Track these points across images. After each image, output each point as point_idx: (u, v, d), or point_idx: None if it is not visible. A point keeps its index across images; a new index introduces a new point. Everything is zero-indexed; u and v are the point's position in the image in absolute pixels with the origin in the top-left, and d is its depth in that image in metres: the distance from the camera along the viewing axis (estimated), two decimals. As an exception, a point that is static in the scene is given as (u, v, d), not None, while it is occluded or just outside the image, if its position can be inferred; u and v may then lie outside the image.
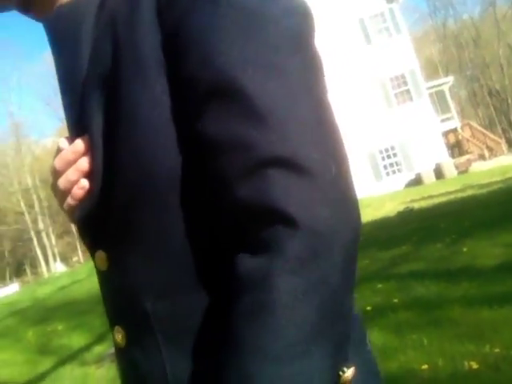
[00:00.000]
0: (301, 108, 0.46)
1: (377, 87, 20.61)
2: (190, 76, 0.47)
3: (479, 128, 27.00)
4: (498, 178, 12.85)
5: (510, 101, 41.02)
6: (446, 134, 24.12)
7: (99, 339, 5.87)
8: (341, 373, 0.47)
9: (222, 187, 0.47)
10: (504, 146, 26.55)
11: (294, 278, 0.43)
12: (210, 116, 0.46)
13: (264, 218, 0.44)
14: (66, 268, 27.65)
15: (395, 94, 21.27)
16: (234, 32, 0.46)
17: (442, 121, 24.05)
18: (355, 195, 0.48)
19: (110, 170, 0.52)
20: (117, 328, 0.59)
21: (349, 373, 0.48)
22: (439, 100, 25.20)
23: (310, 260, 0.43)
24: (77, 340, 6.11)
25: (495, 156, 22.94)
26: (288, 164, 0.44)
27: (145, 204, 0.51)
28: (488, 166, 19.89)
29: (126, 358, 0.60)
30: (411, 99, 21.22)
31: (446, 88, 26.46)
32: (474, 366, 2.47)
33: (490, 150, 24.12)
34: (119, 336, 0.58)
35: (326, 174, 0.45)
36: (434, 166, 20.02)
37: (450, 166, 20.52)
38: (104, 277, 0.60)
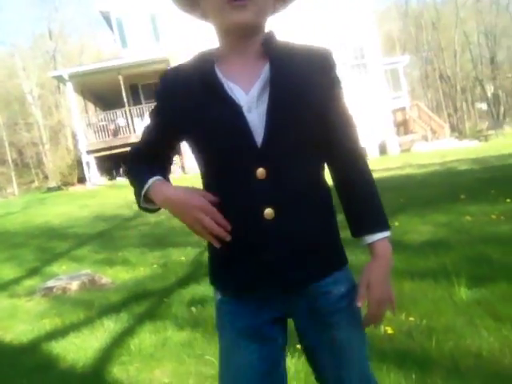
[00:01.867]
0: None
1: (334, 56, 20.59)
2: None
3: (426, 110, 27.89)
4: (437, 161, 13.46)
5: (458, 87, 42.46)
6: (394, 111, 24.75)
7: (31, 273, 5.78)
8: None
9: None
10: (447, 131, 27.65)
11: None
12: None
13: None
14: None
15: (352, 66, 21.46)
16: None
17: (393, 98, 24.62)
18: None
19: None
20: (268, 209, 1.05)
21: None
22: (393, 77, 25.70)
23: None
24: (7, 272, 5.97)
25: (437, 139, 23.88)
26: None
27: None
28: (429, 147, 20.71)
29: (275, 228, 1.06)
30: (366, 73, 21.49)
31: (400, 66, 26.98)
32: (390, 331, 2.67)
33: (434, 132, 25.04)
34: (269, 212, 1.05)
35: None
36: (379, 142, 20.59)
37: (394, 143, 21.17)
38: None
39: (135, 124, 19.62)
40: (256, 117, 1.05)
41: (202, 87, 1.07)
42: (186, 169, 19.33)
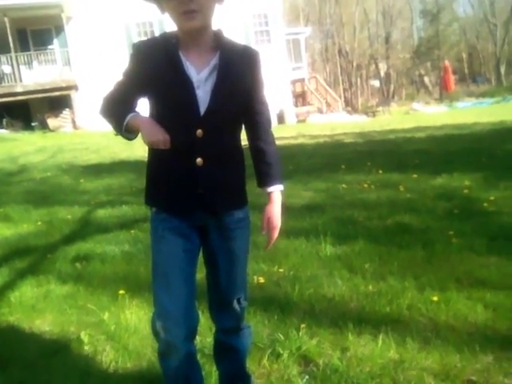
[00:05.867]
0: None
1: (239, 25, 20.56)
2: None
3: (323, 83, 29.11)
4: (328, 133, 14.28)
5: (354, 64, 44.65)
6: (293, 82, 25.52)
7: None
8: None
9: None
10: (341, 104, 29.19)
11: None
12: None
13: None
14: None
15: (255, 32, 21.63)
16: None
17: (293, 69, 25.33)
18: None
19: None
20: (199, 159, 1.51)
21: None
22: (294, 48, 26.33)
23: None
24: None
25: (331, 112, 25.17)
26: None
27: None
28: (323, 119, 21.80)
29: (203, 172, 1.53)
30: (269, 41, 21.82)
31: (302, 38, 27.68)
32: (261, 280, 2.99)
33: (328, 105, 26.31)
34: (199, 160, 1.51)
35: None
36: (277, 111, 21.20)
37: (291, 113, 21.97)
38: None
39: (22, 72, 18.16)
40: (202, 93, 1.47)
41: (166, 60, 1.46)
42: (77, 125, 18.43)
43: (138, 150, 11.37)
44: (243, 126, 1.63)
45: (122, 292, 2.97)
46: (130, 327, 2.53)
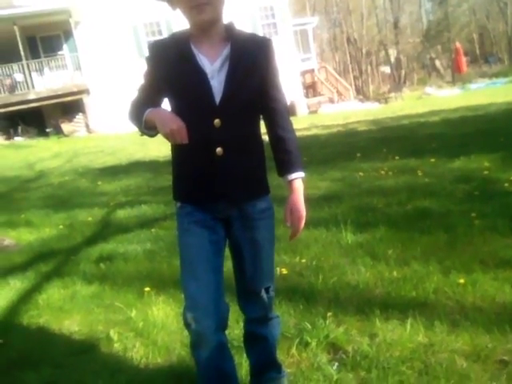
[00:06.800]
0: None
1: (246, 19, 20.50)
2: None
3: (333, 72, 28.89)
4: (340, 122, 14.20)
5: (364, 51, 44.20)
6: (303, 73, 25.37)
7: None
8: None
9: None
10: (352, 93, 28.95)
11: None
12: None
13: None
14: None
15: (262, 25, 21.54)
16: None
17: (302, 60, 25.17)
18: None
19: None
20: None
21: None
22: (302, 39, 26.16)
23: None
24: None
25: (343, 101, 24.98)
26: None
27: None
28: (335, 109, 21.64)
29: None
30: (277, 33, 21.70)
31: (310, 28, 27.47)
32: (284, 271, 3.00)
33: (340, 94, 26.11)
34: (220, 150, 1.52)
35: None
36: (288, 103, 20.99)
37: (303, 104, 21.83)
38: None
39: (34, 79, 18.37)
40: (217, 83, 1.49)
41: (179, 55, 1.50)
42: (90, 128, 18.60)
43: (152, 150, 11.46)
44: (261, 116, 1.63)
45: (147, 289, 3.00)
46: (158, 323, 2.55)
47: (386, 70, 47.39)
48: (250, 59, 1.52)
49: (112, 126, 17.14)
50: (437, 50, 48.29)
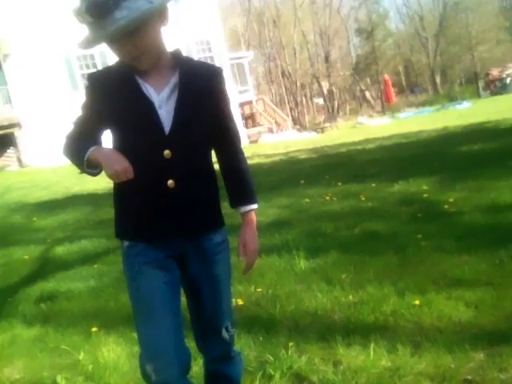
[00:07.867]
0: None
1: (183, 53, 20.62)
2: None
3: (271, 104, 29.56)
4: (281, 151, 14.42)
5: (298, 83, 45.68)
6: (242, 105, 25.76)
7: None
8: None
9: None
10: (290, 123, 29.67)
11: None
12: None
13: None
14: None
15: (199, 59, 21.66)
16: None
17: (240, 92, 25.60)
18: None
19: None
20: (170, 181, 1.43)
21: None
22: (239, 72, 26.66)
23: None
24: None
25: (281, 131, 25.53)
26: None
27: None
28: (275, 139, 22.05)
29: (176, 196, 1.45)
30: (214, 66, 21.96)
31: (245, 62, 28.08)
32: (240, 302, 2.92)
33: (278, 125, 26.69)
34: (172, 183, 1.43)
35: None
36: (228, 133, 21.21)
37: (243, 135, 22.02)
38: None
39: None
40: (165, 113, 1.41)
41: (122, 86, 1.41)
42: (23, 163, 17.76)
43: (90, 183, 11.03)
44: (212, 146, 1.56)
45: (94, 329, 2.81)
46: (109, 365, 2.38)
47: (320, 101, 49.17)
48: (201, 87, 1.45)
49: (46, 160, 16.43)
50: (366, 81, 50.84)
